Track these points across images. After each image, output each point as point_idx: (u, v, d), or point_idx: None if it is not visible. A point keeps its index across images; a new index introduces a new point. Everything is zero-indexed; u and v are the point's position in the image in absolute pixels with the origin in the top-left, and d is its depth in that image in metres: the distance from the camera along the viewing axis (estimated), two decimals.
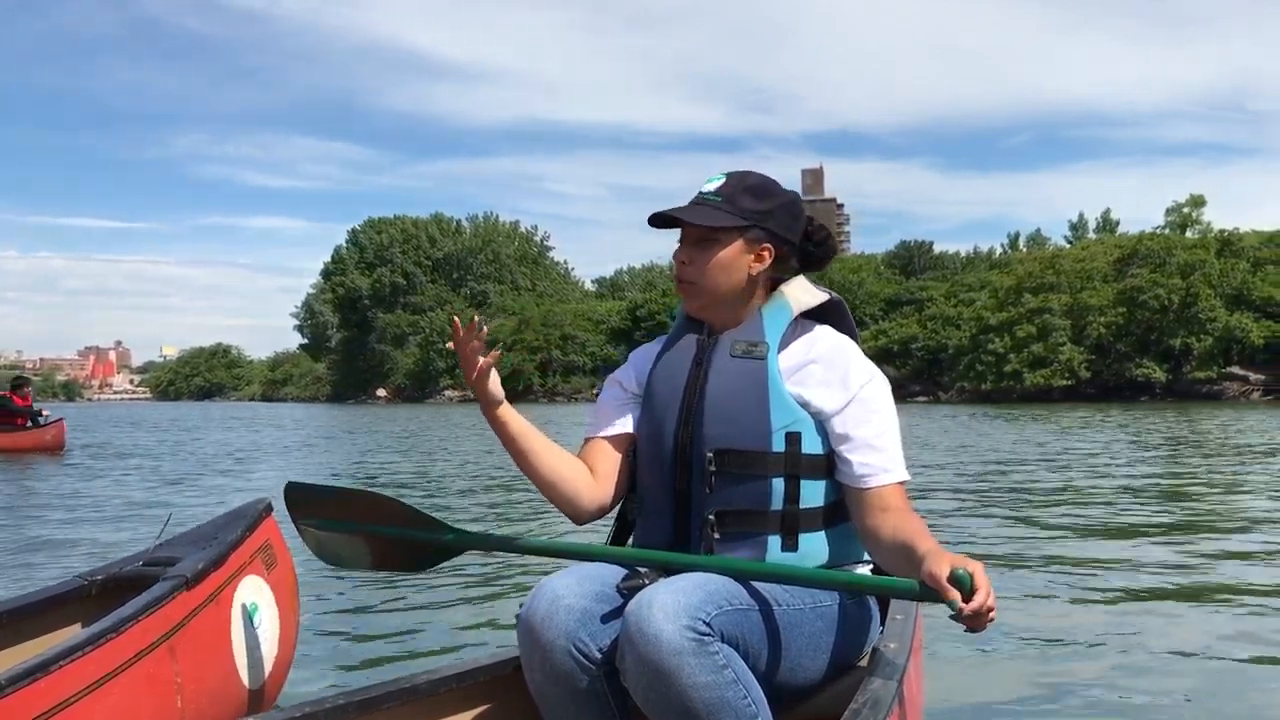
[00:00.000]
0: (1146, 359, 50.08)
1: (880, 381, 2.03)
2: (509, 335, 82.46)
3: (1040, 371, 51.05)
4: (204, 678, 2.52)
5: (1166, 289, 49.82)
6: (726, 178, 2.07)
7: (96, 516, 8.73)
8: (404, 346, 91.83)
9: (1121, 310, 51.00)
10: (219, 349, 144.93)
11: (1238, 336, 48.22)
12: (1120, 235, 61.38)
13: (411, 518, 2.22)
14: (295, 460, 16.43)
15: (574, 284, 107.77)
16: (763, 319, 2.06)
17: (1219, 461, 12.72)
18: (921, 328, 59.67)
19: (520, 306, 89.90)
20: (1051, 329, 51.90)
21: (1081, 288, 52.97)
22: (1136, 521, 7.48)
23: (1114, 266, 53.65)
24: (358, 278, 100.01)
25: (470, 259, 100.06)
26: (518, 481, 11.04)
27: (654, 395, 2.09)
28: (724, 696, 1.69)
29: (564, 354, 79.04)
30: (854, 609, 2.01)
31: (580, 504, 2.08)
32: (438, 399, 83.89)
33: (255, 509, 2.95)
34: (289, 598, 3.01)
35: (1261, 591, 4.92)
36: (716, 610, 1.74)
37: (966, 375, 54.46)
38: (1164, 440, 17.40)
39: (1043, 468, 12.19)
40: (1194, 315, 49.14)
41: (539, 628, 1.82)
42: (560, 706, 1.86)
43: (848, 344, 2.07)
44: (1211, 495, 9.12)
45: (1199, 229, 53.60)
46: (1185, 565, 5.67)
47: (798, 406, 1.96)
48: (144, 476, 13.14)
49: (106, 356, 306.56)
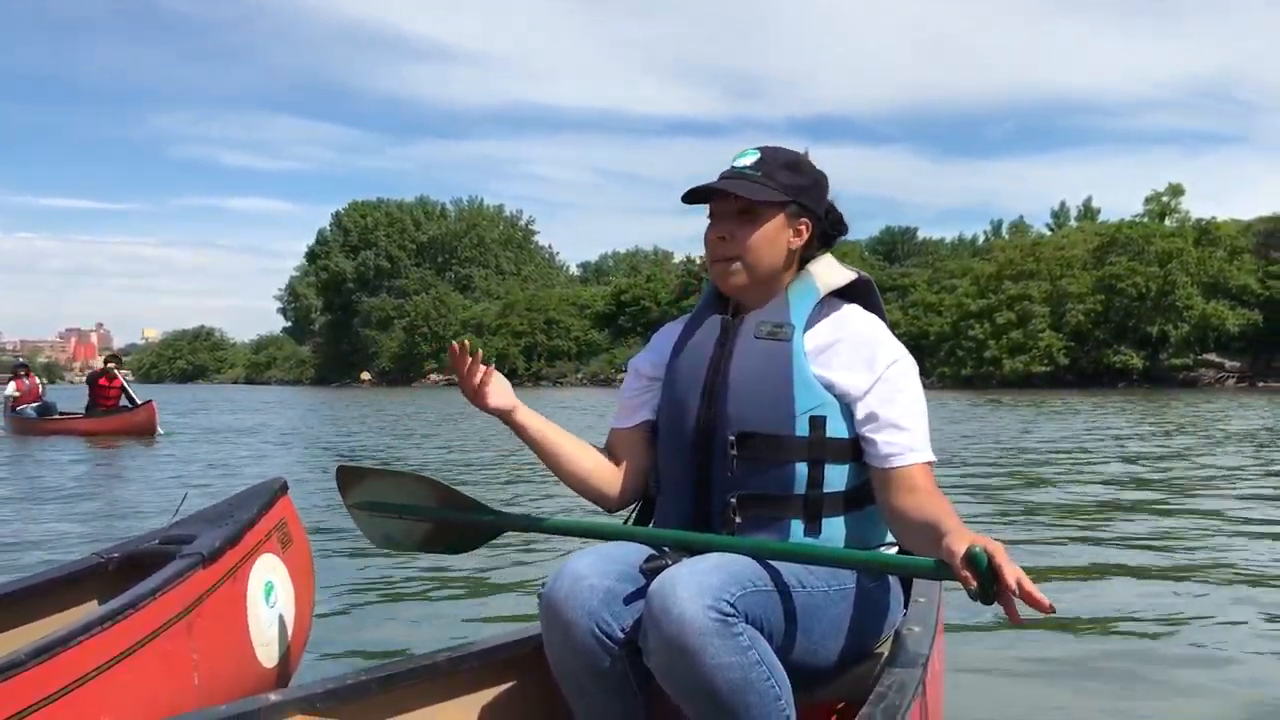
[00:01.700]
0: (1124, 346, 50.60)
1: (908, 362, 1.99)
2: (494, 320, 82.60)
3: (1020, 358, 51.55)
4: (220, 655, 2.53)
5: (1144, 277, 50.30)
6: (761, 152, 2.03)
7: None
8: (388, 330, 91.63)
9: (1100, 298, 51.49)
10: (201, 331, 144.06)
11: (1214, 324, 48.77)
12: (1100, 224, 61.81)
13: (457, 500, 2.24)
14: (310, 442, 16.46)
15: (559, 269, 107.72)
16: (789, 299, 2.03)
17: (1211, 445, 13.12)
18: (903, 314, 60.07)
19: (505, 291, 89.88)
20: (1031, 316, 52.39)
21: (1061, 275, 53.43)
22: (1133, 499, 7.83)
23: (1093, 255, 54.11)
24: (342, 261, 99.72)
25: (455, 243, 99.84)
26: (513, 464, 11.35)
27: (676, 376, 2.06)
28: (748, 677, 1.69)
29: (549, 339, 79.10)
30: (877, 592, 1.99)
31: (608, 496, 2.10)
32: (422, 383, 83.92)
33: (271, 487, 2.95)
34: (305, 576, 3.02)
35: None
36: (740, 591, 1.73)
37: (947, 362, 54.90)
38: (1154, 426, 17.80)
39: (1034, 452, 12.55)
40: (1171, 303, 49.65)
41: (561, 607, 1.81)
42: (582, 685, 1.86)
43: (875, 324, 2.03)
44: (1199, 477, 9.48)
45: (1177, 218, 54.07)
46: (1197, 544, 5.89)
47: (823, 390, 1.93)
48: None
49: (88, 338, 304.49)
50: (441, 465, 11.90)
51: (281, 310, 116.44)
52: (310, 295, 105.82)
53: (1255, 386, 44.92)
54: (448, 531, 2.27)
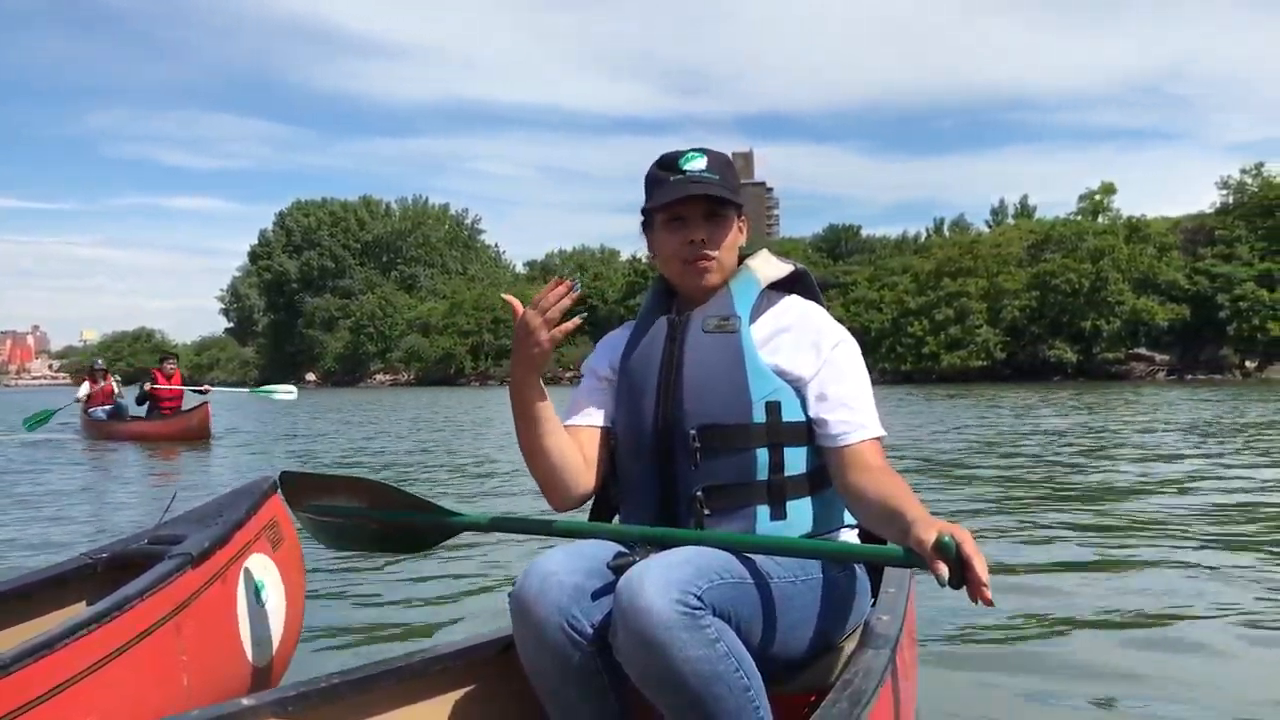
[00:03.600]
0: (1058, 340, 51.91)
1: (850, 343, 2.07)
2: (440, 319, 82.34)
3: (957, 353, 52.70)
4: (210, 655, 2.51)
5: (1077, 273, 51.65)
6: (706, 155, 2.08)
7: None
8: (333, 330, 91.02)
9: (1035, 294, 52.78)
10: (142, 333, 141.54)
11: (1144, 319, 50.27)
12: (1035, 221, 63.24)
13: (405, 502, 2.28)
14: (264, 445, 16.15)
15: (505, 267, 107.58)
16: (731, 293, 2.08)
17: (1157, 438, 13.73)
18: (845, 310, 60.96)
19: (451, 290, 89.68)
20: (968, 312, 53.65)
21: (998, 272, 54.66)
22: (1064, 488, 8.32)
23: (1028, 252, 55.45)
24: (285, 261, 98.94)
25: (400, 242, 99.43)
26: (473, 463, 11.47)
27: (630, 378, 2.09)
28: (716, 670, 1.70)
29: (496, 337, 79.06)
30: (846, 582, 2.02)
31: (573, 489, 2.08)
32: (368, 383, 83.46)
33: (260, 487, 2.92)
34: (295, 575, 2.99)
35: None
36: (708, 584, 1.74)
37: (888, 357, 55.92)
38: (1088, 417, 18.43)
39: (981, 444, 13.08)
40: (1103, 299, 51.06)
41: (531, 604, 1.82)
42: (553, 683, 1.86)
43: (816, 310, 2.10)
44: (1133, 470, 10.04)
45: (1109, 216, 55.54)
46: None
47: (775, 376, 1.99)
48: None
49: (24, 341, 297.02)
50: (408, 466, 11.89)
51: (224, 311, 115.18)
52: (253, 295, 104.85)
53: (1184, 379, 46.41)
54: (396, 532, 2.31)
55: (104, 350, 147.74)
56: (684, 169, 2.05)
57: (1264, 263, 48.73)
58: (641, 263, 75.71)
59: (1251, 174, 52.27)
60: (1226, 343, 48.58)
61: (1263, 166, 51.96)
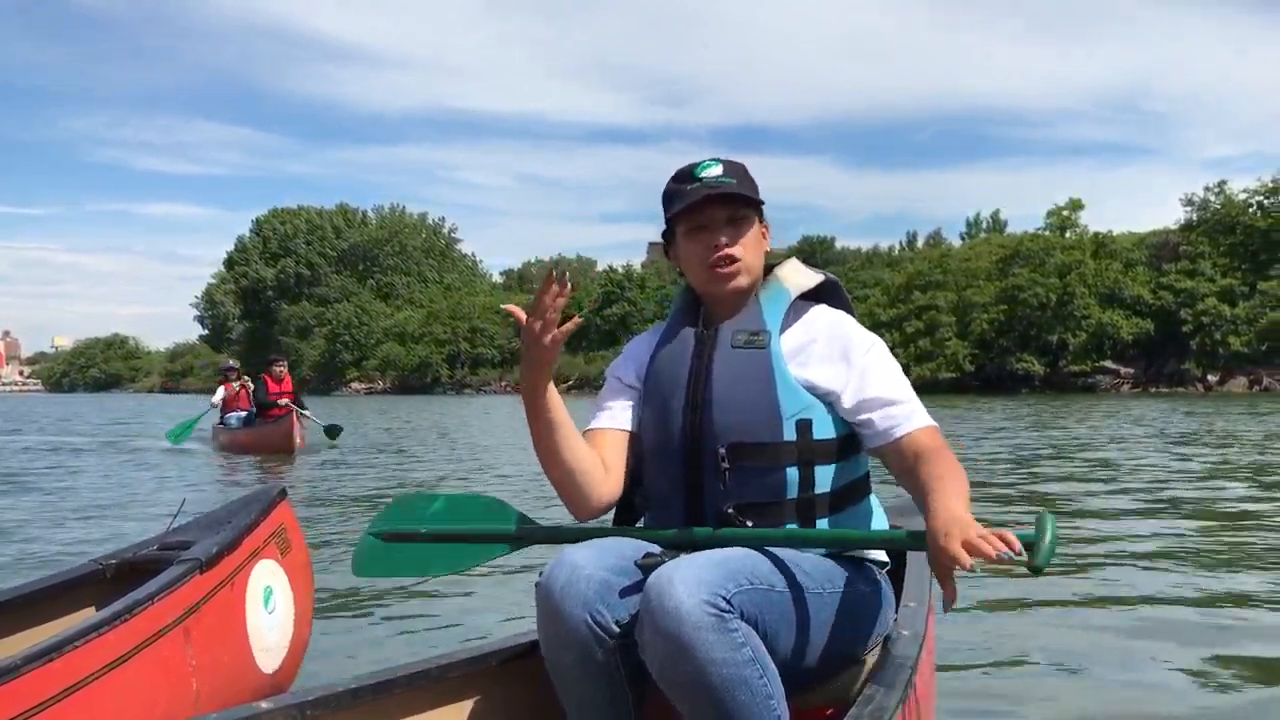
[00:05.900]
0: (1026, 353, 52.68)
1: (880, 346, 2.03)
2: (417, 328, 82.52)
3: (927, 364, 53.39)
4: (219, 661, 2.51)
5: (1045, 288, 52.49)
6: (723, 163, 2.06)
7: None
8: (309, 338, 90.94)
9: (1003, 307, 53.58)
10: (115, 339, 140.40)
11: (1110, 333, 51.16)
12: (1005, 236, 64.19)
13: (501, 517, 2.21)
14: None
15: (482, 276, 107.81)
16: (760, 305, 2.05)
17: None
18: None
19: (428, 299, 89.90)
20: (938, 325, 54.45)
21: (967, 285, 55.51)
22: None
23: (997, 266, 56.31)
24: (261, 268, 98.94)
25: (376, 250, 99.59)
26: (469, 474, 11.27)
27: (657, 390, 2.06)
28: (740, 674, 1.68)
29: (472, 346, 79.42)
30: (870, 595, 2.01)
31: (593, 497, 2.03)
32: (344, 391, 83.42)
33: (269, 494, 2.93)
34: (304, 582, 2.99)
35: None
36: (737, 588, 1.73)
37: None
38: (1058, 431, 18.96)
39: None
40: (1070, 312, 51.92)
41: (557, 597, 1.80)
42: (573, 678, 1.84)
43: (845, 319, 2.06)
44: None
45: (1076, 231, 56.45)
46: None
47: (805, 393, 1.95)
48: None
49: None
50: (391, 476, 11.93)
51: (199, 318, 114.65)
52: (229, 303, 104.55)
53: (1148, 391, 47.31)
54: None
55: (76, 356, 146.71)
56: (701, 177, 2.04)
57: (1226, 279, 49.70)
58: (618, 273, 76.17)
59: (1214, 191, 53.35)
60: (1189, 357, 49.50)
61: (1225, 184, 53.06)
